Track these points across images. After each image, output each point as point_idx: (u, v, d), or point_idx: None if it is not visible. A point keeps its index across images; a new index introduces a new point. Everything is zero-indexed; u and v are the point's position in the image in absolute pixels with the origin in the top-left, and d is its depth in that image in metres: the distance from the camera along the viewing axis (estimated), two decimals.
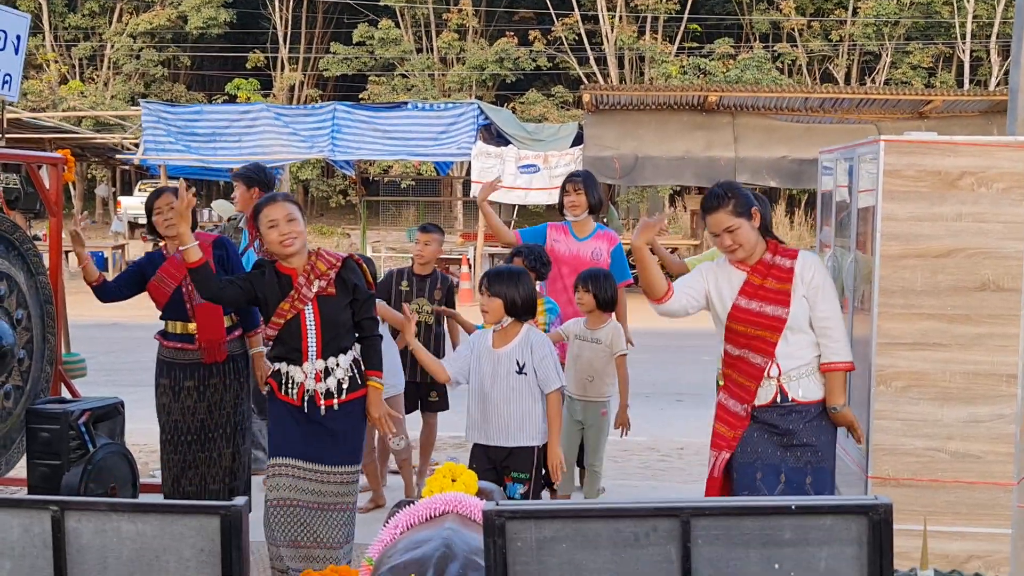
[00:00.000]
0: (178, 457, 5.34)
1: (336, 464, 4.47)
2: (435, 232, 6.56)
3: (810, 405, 4.17)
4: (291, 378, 4.44)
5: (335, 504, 4.48)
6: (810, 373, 4.18)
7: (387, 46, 35.84)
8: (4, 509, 2.45)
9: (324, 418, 4.44)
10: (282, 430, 4.50)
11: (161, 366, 5.42)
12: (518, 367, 4.72)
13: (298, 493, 4.43)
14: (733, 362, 4.30)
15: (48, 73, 36.85)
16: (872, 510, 2.28)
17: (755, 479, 4.22)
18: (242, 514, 2.39)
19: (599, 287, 5.67)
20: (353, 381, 4.48)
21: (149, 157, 19.10)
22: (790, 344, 4.16)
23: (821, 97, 17.94)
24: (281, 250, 4.39)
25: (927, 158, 4.05)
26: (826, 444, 4.22)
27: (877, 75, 35.35)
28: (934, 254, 4.06)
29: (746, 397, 4.23)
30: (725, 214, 4.17)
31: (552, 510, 2.40)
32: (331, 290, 4.41)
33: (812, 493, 4.16)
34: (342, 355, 4.45)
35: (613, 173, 17.41)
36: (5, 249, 5.70)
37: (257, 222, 4.43)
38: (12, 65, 5.84)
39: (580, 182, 6.23)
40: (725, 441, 4.29)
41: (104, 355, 11.75)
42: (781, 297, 4.16)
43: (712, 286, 4.30)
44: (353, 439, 4.55)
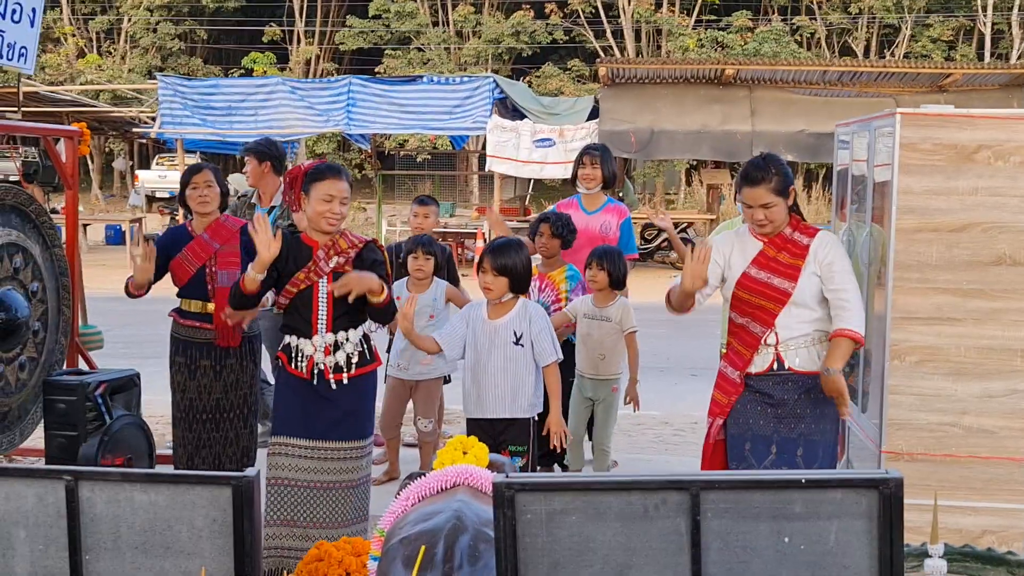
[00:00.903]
0: (192, 435, 5.34)
1: (341, 439, 4.43)
2: (432, 204, 6.60)
3: (806, 376, 4.16)
4: (300, 351, 4.42)
5: (339, 482, 4.42)
6: (808, 345, 4.18)
7: (403, 19, 35.73)
8: (19, 479, 2.48)
9: (332, 393, 4.41)
10: (287, 407, 4.48)
11: (176, 344, 5.40)
12: (515, 337, 4.72)
13: (299, 473, 4.41)
14: (735, 330, 4.33)
15: (66, 47, 36.88)
16: (883, 484, 2.27)
17: (744, 450, 4.26)
18: (253, 484, 2.40)
19: (614, 264, 5.64)
20: (363, 356, 4.46)
21: (166, 131, 19.12)
22: (792, 316, 4.17)
23: (839, 70, 17.80)
24: (324, 225, 4.35)
25: (943, 131, 4.01)
26: (820, 417, 4.19)
27: (896, 48, 35.04)
28: (949, 228, 4.03)
29: (740, 364, 4.25)
30: (766, 190, 4.12)
31: (562, 483, 2.41)
32: (348, 268, 4.38)
33: (801, 466, 4.19)
34: (352, 330, 4.43)
35: (629, 147, 17.33)
36: (21, 221, 5.72)
37: (308, 187, 4.35)
38: (28, 38, 5.84)
39: (597, 155, 6.20)
40: (720, 407, 4.33)
41: (121, 328, 11.81)
42: (791, 271, 4.16)
43: (725, 259, 4.29)
44: (361, 414, 4.51)
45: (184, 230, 5.46)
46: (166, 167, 28.46)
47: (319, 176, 4.36)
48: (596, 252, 5.72)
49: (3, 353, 5.51)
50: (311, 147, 31.08)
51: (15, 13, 5.65)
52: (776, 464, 4.19)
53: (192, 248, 5.33)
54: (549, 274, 5.91)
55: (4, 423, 5.63)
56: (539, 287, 5.93)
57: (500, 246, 4.80)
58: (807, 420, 4.19)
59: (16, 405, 5.68)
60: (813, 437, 4.20)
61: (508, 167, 18.08)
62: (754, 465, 4.20)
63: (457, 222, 20.75)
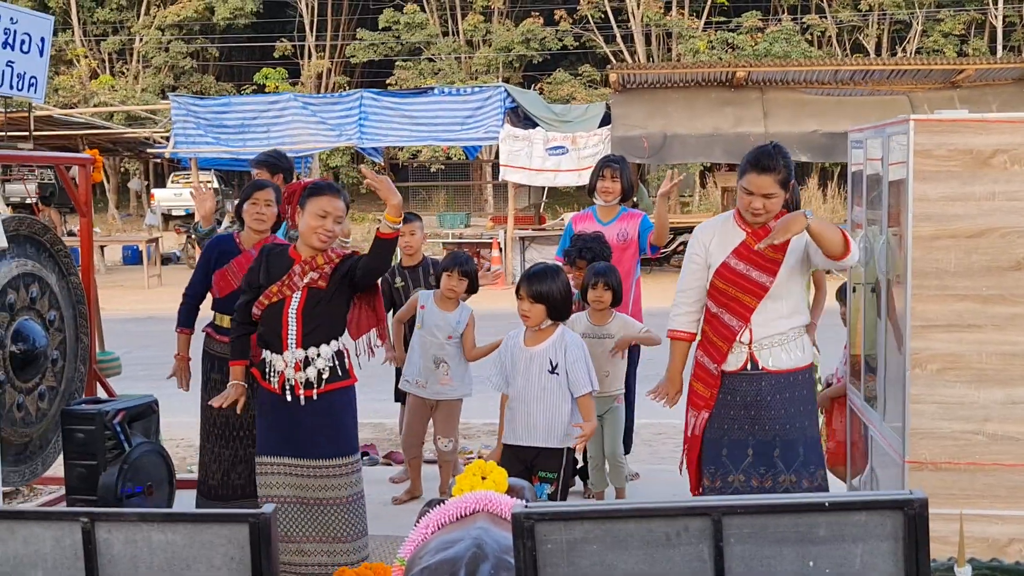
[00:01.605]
0: (228, 452, 5.33)
1: (323, 457, 4.41)
2: (415, 220, 6.50)
3: (779, 374, 4.25)
4: (272, 366, 4.43)
5: (327, 499, 4.41)
6: (781, 343, 4.26)
7: (413, 30, 35.82)
8: (35, 521, 2.47)
9: (303, 409, 4.39)
10: (267, 425, 4.50)
11: (212, 360, 5.38)
12: (551, 366, 4.67)
13: (287, 489, 4.42)
14: (710, 319, 4.37)
15: (78, 68, 37.10)
16: (907, 505, 2.24)
17: (721, 456, 4.31)
18: (270, 521, 2.39)
19: (617, 281, 5.55)
20: (334, 372, 4.42)
21: (179, 150, 19.20)
22: (766, 312, 4.24)
23: (851, 69, 17.73)
24: (315, 241, 4.36)
25: (958, 137, 3.97)
26: (797, 415, 4.25)
27: (908, 44, 34.89)
28: (967, 234, 3.98)
29: (717, 357, 4.31)
30: (773, 180, 4.17)
31: (582, 511, 2.38)
32: (322, 283, 4.38)
33: (781, 466, 4.24)
34: (324, 345, 4.40)
35: (642, 152, 17.30)
36: (36, 251, 5.74)
37: (304, 201, 4.37)
38: (38, 68, 5.85)
39: (618, 168, 6.15)
40: (703, 400, 4.37)
41: (140, 350, 11.83)
42: (771, 265, 4.23)
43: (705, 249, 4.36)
44: (337, 430, 4.46)
45: (232, 241, 5.40)
46: (181, 185, 28.57)
47: (316, 192, 4.38)
48: (597, 271, 5.57)
49: (23, 383, 5.52)
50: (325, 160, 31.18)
51: (24, 44, 5.67)
52: (754, 466, 4.26)
53: (239, 262, 5.27)
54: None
55: (25, 453, 5.64)
56: None
57: (537, 272, 4.75)
58: (781, 420, 4.25)
59: (37, 435, 5.69)
60: (789, 436, 4.26)
61: (522, 176, 18.07)
62: (732, 470, 4.27)
63: (472, 232, 20.74)
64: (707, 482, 4.35)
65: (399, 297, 6.32)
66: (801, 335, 4.35)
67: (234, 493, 5.31)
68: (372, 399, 8.29)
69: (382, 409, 7.98)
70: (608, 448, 5.83)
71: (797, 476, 4.28)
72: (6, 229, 5.44)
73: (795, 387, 4.28)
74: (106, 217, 31.46)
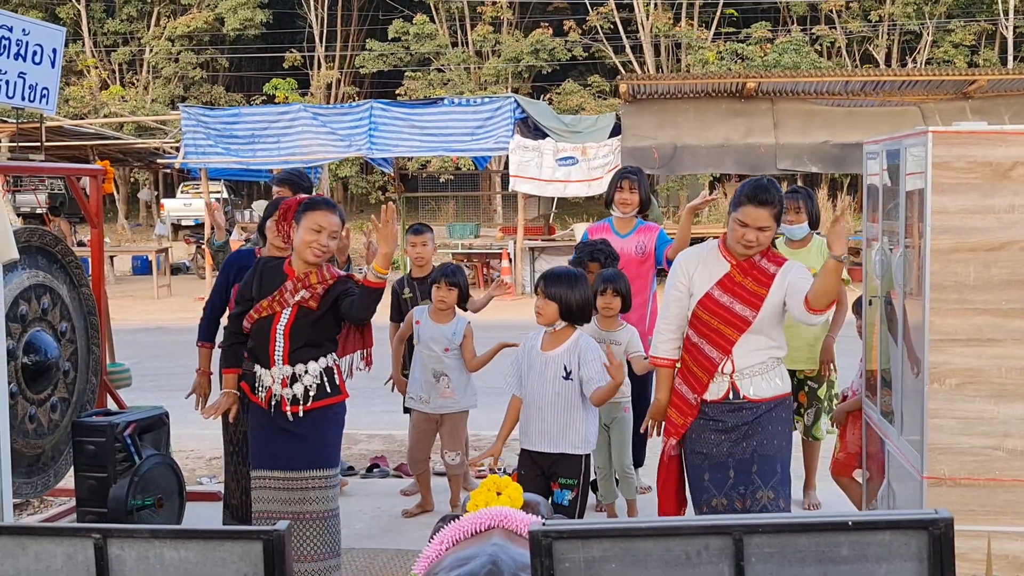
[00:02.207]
0: (246, 468, 5.28)
1: (304, 468, 4.39)
2: (427, 232, 6.50)
3: (761, 403, 4.30)
4: (260, 380, 4.42)
5: (308, 512, 4.39)
6: (762, 372, 4.30)
7: (422, 41, 35.86)
8: (47, 537, 2.44)
9: (290, 424, 4.39)
10: (256, 440, 4.50)
11: None
12: (565, 372, 4.65)
13: (278, 504, 4.41)
14: (690, 348, 4.40)
15: (89, 79, 37.22)
16: (932, 524, 2.20)
17: (703, 480, 4.37)
18: (284, 539, 2.36)
19: (626, 287, 5.54)
20: (321, 389, 4.40)
21: (190, 160, 19.21)
22: (748, 344, 4.28)
23: (862, 80, 17.68)
24: (309, 255, 4.34)
25: (977, 149, 3.93)
26: (775, 435, 4.31)
27: (918, 55, 34.82)
28: (986, 247, 3.94)
29: (697, 387, 4.34)
30: (769, 213, 4.22)
31: (600, 529, 2.35)
32: (312, 303, 4.36)
33: (757, 482, 4.28)
34: (312, 362, 4.39)
35: (652, 163, 17.26)
36: (47, 262, 5.73)
37: (299, 216, 4.36)
38: (49, 79, 5.86)
39: (636, 180, 6.13)
40: (675, 427, 4.45)
41: (150, 360, 11.84)
42: (754, 300, 4.26)
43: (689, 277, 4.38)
44: (323, 443, 4.45)
45: (252, 256, 5.36)
46: (191, 195, 28.63)
47: (312, 207, 4.38)
48: (605, 277, 5.56)
49: (35, 395, 5.51)
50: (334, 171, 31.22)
51: (35, 55, 5.67)
52: (735, 486, 4.30)
53: None
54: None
55: (38, 465, 5.62)
56: None
57: (556, 274, 4.75)
58: (758, 437, 4.29)
59: (49, 447, 5.68)
60: (766, 452, 4.30)
61: (531, 186, 18.05)
62: (716, 494, 4.32)
63: (481, 243, 20.73)
64: (695, 508, 4.44)
65: (407, 308, 6.29)
66: (779, 364, 4.39)
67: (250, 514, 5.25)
68: (382, 411, 8.27)
69: (392, 421, 7.95)
70: (616, 458, 5.79)
71: (775, 493, 4.29)
72: (18, 241, 5.42)
73: (775, 413, 4.34)
74: (116, 227, 31.52)
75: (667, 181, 28.79)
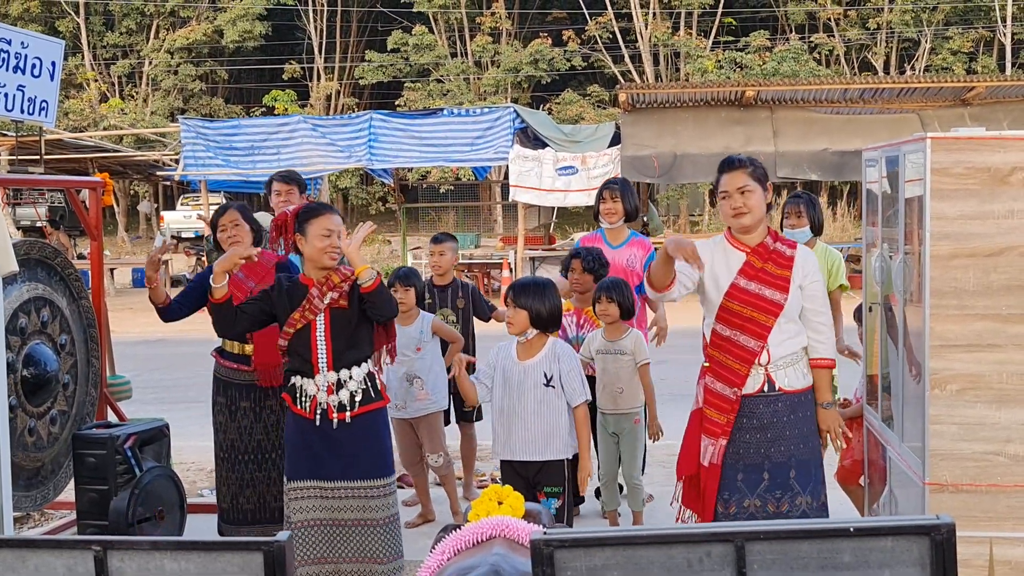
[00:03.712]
0: (235, 476, 5.29)
1: (357, 479, 4.39)
2: (448, 241, 6.55)
3: (795, 394, 4.24)
4: (304, 391, 4.40)
5: (362, 520, 4.38)
6: (795, 362, 4.25)
7: (421, 52, 35.95)
8: (47, 550, 2.43)
9: (337, 431, 4.37)
10: (298, 450, 4.45)
11: (218, 384, 5.36)
12: (546, 379, 4.66)
13: (321, 512, 4.39)
14: (721, 343, 4.28)
15: (88, 92, 37.29)
16: (934, 530, 2.20)
17: (737, 481, 4.26)
18: (285, 550, 2.35)
19: (622, 295, 5.58)
20: (367, 394, 4.41)
21: (189, 173, 19.25)
22: (782, 332, 4.21)
23: (861, 87, 17.71)
24: (326, 260, 4.35)
25: (976, 155, 3.93)
26: (807, 436, 4.25)
27: (916, 62, 34.91)
28: (986, 253, 3.94)
29: (735, 381, 4.24)
30: (744, 174, 4.20)
31: (602, 537, 2.34)
32: (343, 303, 4.37)
33: (796, 487, 4.20)
34: (355, 367, 4.39)
35: (652, 172, 17.29)
36: (47, 275, 5.73)
37: (303, 227, 4.37)
38: (48, 92, 5.86)
39: (617, 189, 6.24)
40: (719, 427, 4.28)
41: (151, 372, 11.83)
42: (780, 283, 4.20)
43: (707, 268, 4.27)
44: (373, 451, 4.44)
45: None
46: (191, 207, 28.65)
47: (313, 214, 4.39)
48: (603, 285, 5.65)
49: (34, 408, 5.50)
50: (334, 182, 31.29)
51: (35, 68, 5.68)
52: (770, 490, 4.21)
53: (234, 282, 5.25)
54: (586, 309, 5.88)
55: (37, 478, 5.61)
56: (577, 322, 5.91)
57: (525, 283, 4.79)
58: (796, 440, 4.22)
59: (49, 460, 5.67)
60: (804, 457, 4.23)
61: (531, 196, 18.07)
62: (748, 495, 4.23)
63: (482, 252, 20.74)
64: (720, 508, 4.27)
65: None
66: (806, 355, 4.33)
67: (244, 518, 5.27)
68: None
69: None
70: (626, 470, 5.79)
71: (812, 497, 4.24)
72: (17, 253, 5.43)
73: (806, 407, 4.27)
74: (116, 240, 31.55)
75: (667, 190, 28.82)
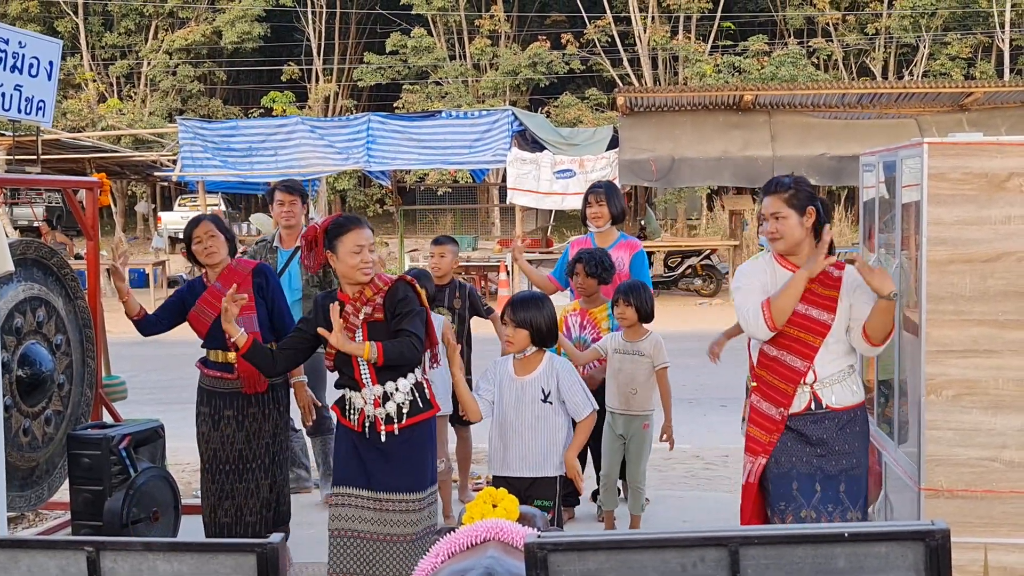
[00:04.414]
0: (216, 487, 5.22)
1: (398, 491, 4.35)
2: (448, 244, 6.54)
3: (843, 411, 4.13)
4: (352, 404, 4.38)
5: (400, 535, 4.34)
6: (843, 379, 4.14)
7: (420, 54, 35.93)
8: (40, 550, 2.42)
9: (385, 444, 4.34)
10: (345, 458, 4.44)
11: (201, 394, 5.32)
12: (543, 395, 4.65)
13: (360, 524, 4.36)
14: (768, 363, 4.23)
15: (86, 92, 37.26)
16: (928, 536, 2.19)
17: (792, 489, 4.17)
18: (278, 552, 2.34)
19: (640, 299, 5.62)
20: (414, 405, 4.37)
21: (187, 173, 19.22)
22: (829, 351, 4.12)
23: (859, 92, 17.71)
24: (359, 276, 4.32)
25: (973, 160, 3.93)
26: (859, 451, 4.17)
27: (915, 67, 34.92)
28: (983, 258, 3.94)
29: (782, 401, 4.17)
30: (779, 200, 4.12)
31: (595, 541, 2.33)
32: (378, 316, 4.33)
33: (846, 502, 4.14)
34: (401, 379, 4.35)
35: (650, 175, 17.29)
36: (43, 275, 5.72)
37: (333, 243, 4.32)
38: (46, 92, 5.85)
39: (602, 193, 6.29)
40: (761, 446, 4.23)
41: (147, 373, 11.81)
42: (828, 303, 4.11)
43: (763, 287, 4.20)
44: (416, 465, 4.41)
45: (200, 281, 5.39)
46: (188, 208, 28.64)
47: (342, 230, 4.33)
48: (621, 288, 5.71)
49: (29, 408, 5.49)
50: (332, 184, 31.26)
51: (32, 67, 5.67)
52: (822, 501, 4.13)
53: (205, 299, 5.24)
54: (591, 311, 5.96)
55: (32, 478, 5.60)
56: (580, 323, 5.96)
57: (522, 299, 4.74)
58: (847, 456, 4.13)
59: (43, 459, 5.65)
60: (854, 472, 4.15)
61: (529, 199, 18.07)
62: (804, 504, 4.13)
63: (480, 255, 20.73)
64: (777, 519, 4.19)
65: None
66: (855, 372, 4.25)
67: (220, 532, 5.14)
68: None
69: None
70: (630, 473, 5.79)
71: (862, 513, 4.19)
72: (13, 253, 5.42)
73: (855, 423, 4.17)
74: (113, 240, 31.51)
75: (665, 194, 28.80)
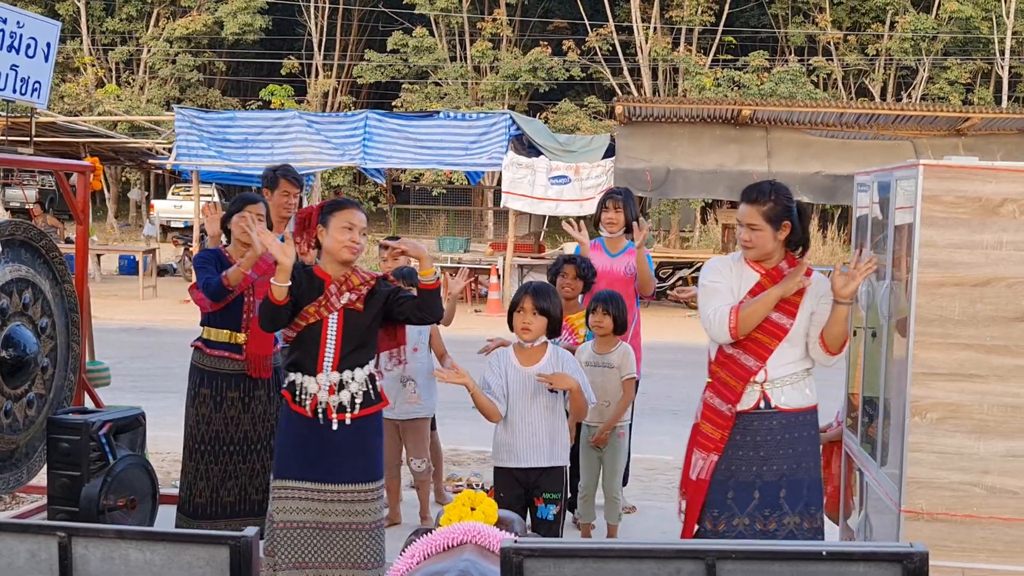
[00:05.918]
0: (219, 468, 5.21)
1: (348, 482, 4.31)
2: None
3: (791, 412, 4.20)
4: (304, 388, 4.32)
5: (348, 524, 4.31)
6: (794, 382, 4.21)
7: (421, 54, 35.91)
8: (11, 534, 2.40)
9: (334, 434, 4.30)
10: (290, 449, 4.37)
11: (201, 375, 5.26)
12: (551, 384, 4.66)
13: (305, 515, 4.30)
14: (724, 360, 4.28)
15: (85, 76, 37.16)
16: (907, 558, 2.19)
17: (727, 498, 4.23)
18: (251, 545, 2.33)
19: (618, 309, 5.58)
20: (367, 396, 4.34)
21: (182, 162, 19.18)
22: (783, 354, 4.18)
23: (857, 112, 17.77)
24: (345, 254, 4.27)
25: (968, 184, 3.93)
26: (802, 455, 4.21)
27: (913, 90, 35.04)
28: (973, 283, 3.94)
29: (731, 397, 4.23)
30: (756, 211, 4.14)
31: (572, 549, 2.32)
32: (359, 306, 4.30)
33: (786, 507, 4.18)
34: (358, 369, 4.33)
35: (645, 185, 17.31)
36: (31, 257, 5.68)
37: (326, 218, 4.30)
38: (42, 73, 5.82)
39: (620, 200, 6.30)
40: (712, 443, 4.27)
41: (131, 360, 11.76)
42: (789, 307, 4.16)
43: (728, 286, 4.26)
44: (367, 455, 4.38)
45: (221, 255, 5.27)
46: (182, 197, 28.58)
47: (338, 207, 4.33)
48: (600, 297, 5.66)
49: (11, 390, 5.45)
50: (327, 180, 31.22)
51: (29, 48, 5.64)
52: (760, 508, 4.18)
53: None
54: (568, 316, 5.86)
55: (11, 460, 5.56)
56: None
57: (541, 288, 4.77)
58: (788, 460, 4.19)
59: (24, 443, 5.61)
60: (796, 476, 4.21)
61: (523, 203, 18.07)
62: (737, 513, 4.19)
63: (471, 257, 20.71)
64: (709, 525, 4.22)
65: None
66: (809, 375, 4.30)
67: (223, 511, 5.20)
68: None
69: None
70: (606, 483, 5.78)
71: (800, 518, 4.21)
72: (1, 234, 5.39)
73: (804, 427, 4.23)
74: (105, 226, 31.43)
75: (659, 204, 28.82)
